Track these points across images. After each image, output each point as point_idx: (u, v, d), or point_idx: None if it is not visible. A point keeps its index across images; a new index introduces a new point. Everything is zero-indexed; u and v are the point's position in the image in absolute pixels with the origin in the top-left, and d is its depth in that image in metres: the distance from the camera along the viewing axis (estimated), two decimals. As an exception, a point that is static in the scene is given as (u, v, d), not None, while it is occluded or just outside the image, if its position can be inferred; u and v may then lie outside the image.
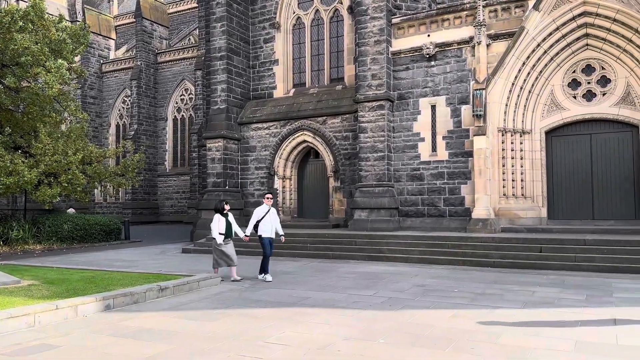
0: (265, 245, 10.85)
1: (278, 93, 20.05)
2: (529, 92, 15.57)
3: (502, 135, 15.47)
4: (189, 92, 36.87)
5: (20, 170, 16.25)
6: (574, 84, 15.32)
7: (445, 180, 15.92)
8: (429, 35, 16.32)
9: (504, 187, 15.48)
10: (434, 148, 16.12)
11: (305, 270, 12.19)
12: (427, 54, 16.17)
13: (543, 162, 15.66)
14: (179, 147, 37.89)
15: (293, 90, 19.95)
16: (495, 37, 15.41)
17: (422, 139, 16.29)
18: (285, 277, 11.13)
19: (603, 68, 14.89)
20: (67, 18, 35.05)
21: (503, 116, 15.42)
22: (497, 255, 12.76)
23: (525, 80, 15.43)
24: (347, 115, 17.71)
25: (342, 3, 19.09)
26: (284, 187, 19.28)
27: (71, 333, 6.54)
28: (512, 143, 15.57)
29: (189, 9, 41.54)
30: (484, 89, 15.11)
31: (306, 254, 14.58)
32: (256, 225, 10.93)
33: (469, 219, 15.15)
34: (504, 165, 15.49)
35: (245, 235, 11.09)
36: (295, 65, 20.16)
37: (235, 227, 11.07)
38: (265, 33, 20.44)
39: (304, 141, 18.80)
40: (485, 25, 15.35)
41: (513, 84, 15.35)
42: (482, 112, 15.03)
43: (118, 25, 42.58)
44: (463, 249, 13.32)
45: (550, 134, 15.75)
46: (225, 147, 19.52)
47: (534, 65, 15.32)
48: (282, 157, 19.14)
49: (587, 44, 14.87)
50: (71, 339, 6.29)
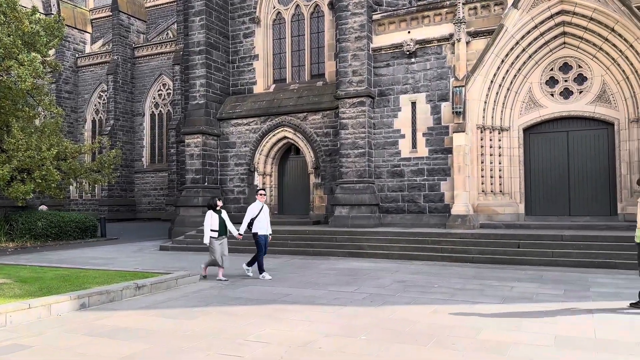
0: (260, 244, 10.56)
1: (258, 89, 19.88)
2: (508, 89, 15.71)
3: (481, 132, 15.59)
4: (166, 87, 36.34)
5: (-8, 165, 15.81)
6: (552, 81, 15.51)
7: (425, 177, 15.99)
8: (409, 32, 16.35)
9: (482, 183, 15.62)
10: (414, 145, 16.17)
11: (285, 267, 12.09)
12: (408, 51, 16.19)
13: (521, 159, 15.83)
14: (156, 143, 37.36)
15: (273, 86, 19.80)
16: (474, 35, 15.50)
17: (403, 136, 16.33)
18: (269, 274, 11.00)
19: (580, 66, 15.11)
20: (41, 10, 34.19)
21: (482, 113, 15.54)
22: (476, 251, 12.87)
23: (504, 77, 15.56)
24: (328, 112, 17.64)
25: (322, -2, 19.01)
26: (264, 183, 19.13)
27: (44, 333, 6.35)
28: (490, 140, 15.71)
29: (167, 3, 40.92)
30: (463, 86, 15.20)
31: (286, 250, 14.48)
32: (250, 223, 10.60)
33: (448, 215, 15.25)
34: (482, 162, 15.62)
35: (239, 234, 10.74)
36: (276, 60, 20.00)
37: (229, 224, 10.63)
38: (245, 28, 20.22)
39: (285, 137, 18.68)
40: (465, 22, 15.44)
41: (492, 81, 15.48)
42: (462, 109, 15.12)
43: (94, 19, 41.71)
44: (443, 244, 13.39)
45: (528, 131, 15.93)
46: (204, 143, 19.28)
47: (512, 63, 15.47)
48: (263, 154, 19.00)
49: (564, 42, 15.07)
50: (44, 338, 6.10)
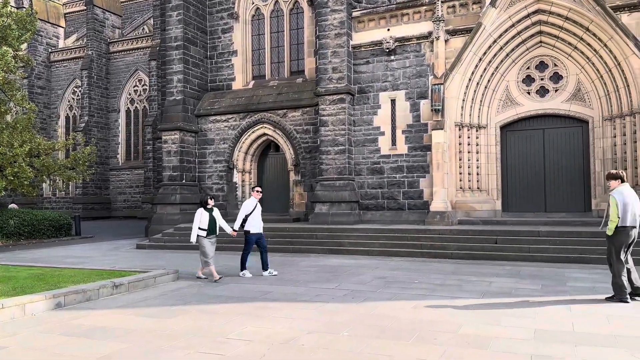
0: (250, 242, 10.35)
1: (237, 85, 19.70)
2: (485, 87, 15.89)
3: (459, 129, 15.74)
4: (142, 83, 35.79)
5: (-39, 162, 15.33)
6: (528, 80, 15.73)
7: (405, 174, 16.07)
8: (388, 30, 16.39)
9: (460, 180, 15.78)
10: (394, 142, 16.24)
11: (257, 265, 11.97)
12: (387, 48, 16.23)
13: (498, 156, 16.03)
14: (132, 139, 36.78)
15: (252, 82, 19.65)
16: (453, 33, 15.62)
17: (382, 133, 16.38)
18: (249, 271, 10.91)
19: (556, 65, 15.36)
20: (13, 4, 33.27)
21: (460, 111, 15.68)
22: (455, 247, 12.98)
23: (481, 75, 15.73)
24: (308, 109, 17.59)
25: (302, -5, 18.93)
26: (243, 180, 18.99)
27: (19, 333, 6.17)
28: (468, 137, 15.86)
29: (143, -2, 40.29)
30: (442, 84, 15.31)
31: (268, 248, 14.35)
32: (244, 220, 10.36)
33: (427, 212, 15.35)
34: (460, 159, 15.77)
35: (234, 230, 10.48)
36: (255, 56, 19.85)
37: (222, 222, 10.31)
38: (223, 23, 20.01)
39: (264, 134, 18.56)
40: (443, 20, 15.54)
41: (470, 79, 15.63)
42: (441, 107, 15.22)
43: (67, 13, 40.81)
44: (422, 241, 13.48)
45: (505, 128, 16.13)
46: (182, 139, 19.03)
47: (490, 61, 15.64)
48: (242, 151, 18.84)
49: (540, 41, 15.29)
50: (19, 339, 5.92)
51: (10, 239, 18.16)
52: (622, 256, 7.53)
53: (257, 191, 10.73)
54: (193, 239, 9.98)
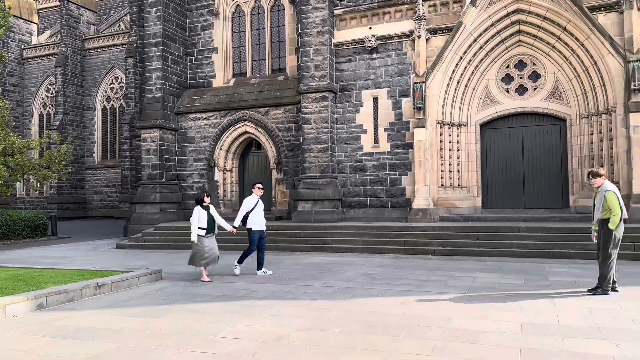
0: (254, 240, 10.13)
1: (217, 82, 19.53)
2: (466, 86, 16.07)
3: (441, 127, 15.89)
4: (119, 80, 35.21)
5: None
6: (507, 78, 15.97)
7: (387, 172, 16.16)
8: (370, 28, 16.45)
9: (442, 177, 15.94)
10: (376, 140, 16.31)
11: (250, 264, 11.88)
12: (369, 47, 16.29)
13: (478, 154, 16.24)
14: (108, 138, 36.16)
15: (233, 79, 19.50)
16: (434, 32, 15.76)
17: (365, 131, 16.44)
18: (231, 270, 10.82)
19: (534, 64, 15.62)
20: (-17, -2, 32.34)
21: (441, 109, 15.83)
22: (437, 243, 13.11)
23: (462, 74, 15.91)
24: (290, 107, 17.54)
25: (283, -8, 18.85)
26: (224, 179, 18.85)
27: (1, 335, 6.00)
28: (449, 135, 16.03)
29: (119, -6, 39.60)
30: (423, 82, 15.43)
31: (242, 247, 14.26)
32: (245, 217, 10.17)
33: (409, 209, 15.47)
34: (442, 157, 15.93)
35: (233, 227, 10.21)
36: (235, 54, 19.71)
37: (219, 219, 10.02)
38: (203, 20, 19.81)
39: (246, 132, 18.45)
40: (425, 19, 15.66)
41: (451, 77, 15.79)
42: (422, 105, 15.35)
43: (41, 9, 39.87)
44: (405, 238, 13.57)
45: (485, 126, 16.35)
46: (162, 137, 18.79)
47: (470, 60, 15.83)
48: (223, 149, 18.69)
49: (519, 40, 15.53)
50: (2, 341, 5.77)
51: (-16, 240, 17.70)
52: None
53: (258, 188, 10.47)
54: (194, 237, 9.57)
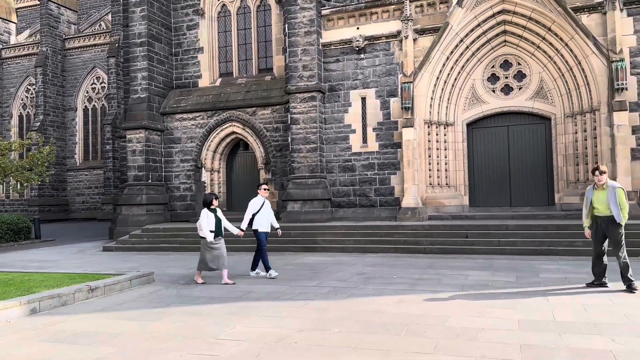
0: (262, 241, 10.03)
1: (203, 82, 19.40)
2: (452, 85, 16.23)
3: (428, 127, 16.02)
4: (101, 80, 34.76)
5: None
6: (493, 78, 16.16)
7: (376, 171, 16.24)
8: (358, 28, 16.51)
9: (430, 177, 16.06)
10: (365, 139, 16.38)
11: (241, 265, 11.86)
12: (357, 47, 16.35)
13: (465, 152, 16.41)
14: (90, 139, 35.67)
15: (220, 79, 19.39)
16: (421, 32, 15.87)
17: (353, 131, 16.49)
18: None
19: (519, 64, 15.84)
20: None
21: (429, 109, 15.96)
22: (427, 242, 13.21)
23: (449, 74, 16.05)
24: (278, 107, 17.50)
25: (269, -8, 18.80)
26: (212, 179, 18.74)
27: (-4, 341, 5.89)
28: (437, 135, 16.17)
29: (100, -7, 39.07)
30: (411, 82, 15.54)
31: (239, 247, 14.19)
32: (251, 219, 10.05)
33: (398, 208, 15.57)
34: (429, 156, 16.06)
35: (241, 230, 10.02)
36: (222, 54, 19.60)
37: (226, 222, 9.80)
38: (188, 20, 19.66)
39: (233, 132, 18.35)
40: (412, 19, 15.77)
41: (438, 77, 15.92)
42: (410, 105, 15.46)
43: (19, 8, 39.17)
44: (395, 237, 13.66)
45: (471, 126, 16.53)
46: (147, 138, 18.60)
47: (457, 60, 15.98)
48: (210, 149, 18.57)
49: (505, 41, 15.73)
50: (-3, 347, 5.66)
51: (-35, 244, 17.32)
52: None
53: (263, 189, 10.33)
54: (211, 237, 9.34)
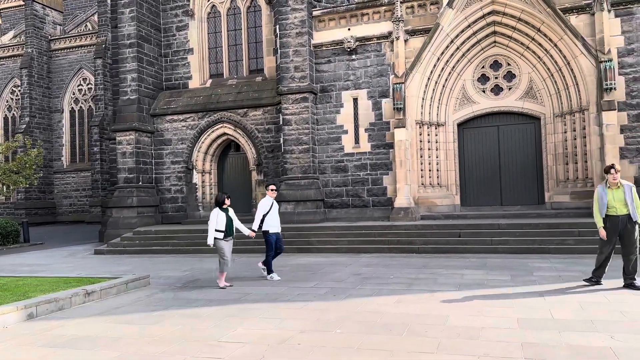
0: (271, 243, 9.84)
1: (194, 83, 19.32)
2: (443, 86, 16.33)
3: (420, 127, 16.11)
4: (87, 81, 34.46)
5: None
6: (483, 78, 16.30)
7: (368, 172, 16.30)
8: (349, 29, 16.55)
9: (422, 177, 16.15)
10: (357, 140, 16.43)
11: (235, 266, 11.83)
12: (349, 48, 16.39)
13: (456, 152, 16.53)
14: (77, 141, 35.34)
15: (210, 80, 19.32)
16: (412, 33, 15.96)
17: (346, 131, 16.54)
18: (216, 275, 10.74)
19: (509, 64, 16.00)
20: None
21: (420, 109, 16.05)
22: (421, 241, 13.29)
23: (439, 75, 16.15)
24: (269, 108, 17.48)
25: (259, -7, 18.78)
26: (203, 181, 18.66)
27: (-5, 348, 5.83)
28: (428, 135, 16.27)
29: (86, -7, 38.69)
30: (403, 83, 15.62)
31: (233, 249, 14.15)
32: (261, 220, 9.90)
33: (391, 208, 15.64)
34: (421, 156, 16.15)
35: (252, 231, 9.85)
36: (212, 55, 19.52)
37: (238, 223, 9.63)
38: (178, 20, 19.56)
39: (224, 134, 18.29)
40: (403, 20, 15.85)
41: (429, 78, 16.02)
42: (402, 106, 15.54)
43: (3, 9, 38.71)
44: (389, 237, 13.72)
45: (462, 126, 16.65)
46: (138, 140, 18.47)
47: (447, 61, 16.09)
48: (201, 151, 18.49)
49: (495, 41, 15.88)
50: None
51: (-48, 249, 17.05)
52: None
53: (271, 190, 10.20)
54: (210, 241, 9.22)
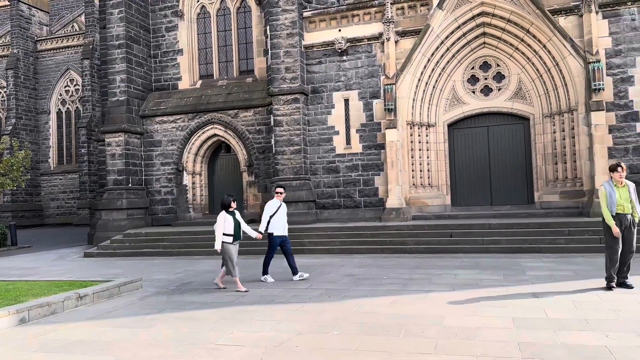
0: (274, 246, 9.75)
1: (183, 84, 19.21)
2: (433, 87, 16.41)
3: (411, 128, 16.17)
4: (75, 83, 34.17)
5: None
6: (473, 79, 16.40)
7: (360, 172, 16.32)
8: (340, 30, 16.57)
9: (413, 177, 16.21)
10: (348, 141, 16.45)
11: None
12: (339, 49, 16.41)
13: (446, 153, 16.61)
14: (64, 142, 35.02)
15: (200, 81, 19.23)
16: (403, 34, 16.02)
17: (337, 132, 16.55)
18: (211, 277, 10.67)
19: (498, 65, 16.12)
20: None
21: (411, 110, 16.11)
22: (413, 242, 13.34)
23: (430, 75, 16.22)
24: (260, 109, 17.44)
25: (249, -6, 18.73)
26: (193, 183, 18.56)
27: (-13, 353, 5.74)
28: (419, 135, 16.34)
29: (73, -7, 38.32)
30: (394, 84, 15.67)
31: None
32: (268, 222, 9.79)
33: (383, 209, 15.68)
34: (412, 157, 16.21)
35: (259, 233, 9.71)
36: (202, 55, 19.43)
37: (245, 226, 9.42)
38: (167, 21, 19.44)
39: (215, 135, 18.21)
40: (393, 22, 15.90)
41: (419, 79, 16.09)
42: (393, 106, 15.59)
43: (-12, 8, 38.12)
44: (381, 237, 13.75)
45: (452, 126, 16.74)
46: (127, 141, 18.32)
47: (437, 62, 16.17)
48: (191, 152, 18.39)
49: (484, 42, 15.99)
50: (-10, 360, 5.51)
51: (-62, 253, 16.77)
52: None
53: (278, 193, 10.07)
54: (218, 246, 8.93)
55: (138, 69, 19.00)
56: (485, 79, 16.28)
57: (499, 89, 16.16)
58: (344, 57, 16.52)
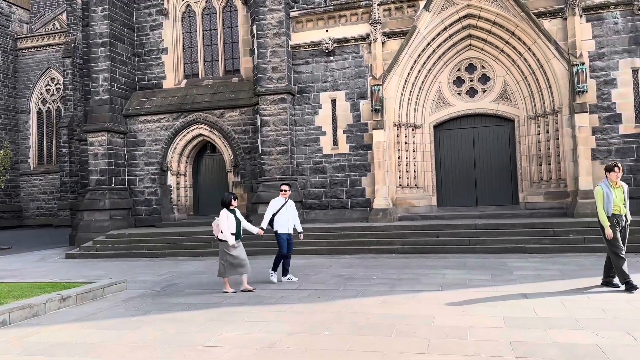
0: (282, 243, 9.63)
1: (168, 84, 18.99)
2: (420, 88, 16.45)
3: (397, 129, 16.19)
4: (55, 81, 33.55)
5: None
6: (459, 81, 16.48)
7: (347, 173, 16.28)
8: (327, 31, 16.52)
9: (399, 178, 16.23)
10: (335, 141, 16.41)
11: (214, 269, 11.64)
12: (326, 49, 16.36)
13: (432, 154, 16.66)
14: (45, 142, 34.36)
15: (185, 81, 19.02)
16: (390, 35, 16.04)
17: (324, 133, 16.49)
18: (197, 278, 10.57)
19: (484, 67, 16.23)
20: None
21: (398, 111, 16.13)
22: (400, 242, 13.35)
23: (416, 77, 16.26)
24: (246, 109, 17.31)
25: (235, -7, 18.59)
26: (178, 183, 18.34)
27: (-33, 357, 5.55)
28: (405, 136, 16.35)
29: (54, -9, 37.65)
30: (380, 84, 15.67)
31: (210, 252, 13.96)
32: (271, 220, 9.68)
33: (370, 210, 15.66)
34: (399, 158, 16.23)
35: (261, 229, 9.55)
36: (187, 54, 19.23)
37: (245, 223, 9.31)
38: (152, 20, 19.20)
39: (200, 135, 18.02)
40: (380, 23, 15.91)
41: (406, 80, 16.11)
42: (380, 107, 15.59)
43: (-34, 5, 37.19)
44: (368, 238, 13.73)
45: (438, 127, 16.80)
46: (110, 141, 18.03)
47: (424, 63, 16.21)
48: (176, 152, 18.17)
49: (470, 44, 16.08)
50: (-30, 364, 5.33)
51: None
52: None
53: (283, 190, 9.96)
54: (232, 241, 8.70)
55: (122, 68, 18.73)
56: (471, 80, 16.38)
57: (484, 91, 16.26)
58: (331, 58, 16.48)
